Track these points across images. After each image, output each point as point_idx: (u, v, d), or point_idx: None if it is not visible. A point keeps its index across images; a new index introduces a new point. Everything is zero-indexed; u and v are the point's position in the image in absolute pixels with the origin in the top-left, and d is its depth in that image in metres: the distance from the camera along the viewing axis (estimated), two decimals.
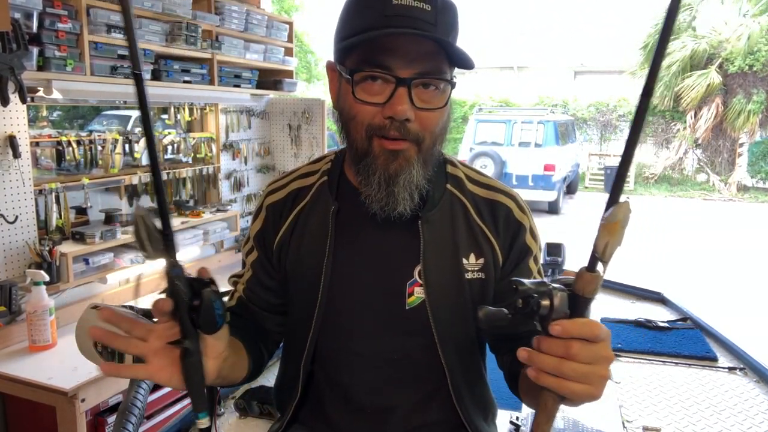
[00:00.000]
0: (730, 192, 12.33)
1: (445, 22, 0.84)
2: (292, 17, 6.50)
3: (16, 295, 2.11)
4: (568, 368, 0.66)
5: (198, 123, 3.15)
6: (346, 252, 0.96)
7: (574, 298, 0.67)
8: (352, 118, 0.88)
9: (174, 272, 0.70)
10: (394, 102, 0.83)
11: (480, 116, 10.93)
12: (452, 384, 0.96)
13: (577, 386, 0.66)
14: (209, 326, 0.72)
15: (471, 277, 0.96)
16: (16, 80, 1.96)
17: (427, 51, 0.83)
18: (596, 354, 0.66)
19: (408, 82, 0.83)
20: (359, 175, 0.90)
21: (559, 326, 0.66)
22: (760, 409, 1.49)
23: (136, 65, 0.67)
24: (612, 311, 2.20)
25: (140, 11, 2.49)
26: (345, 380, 0.98)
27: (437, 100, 0.86)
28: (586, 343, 0.66)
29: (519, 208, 1.00)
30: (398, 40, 0.82)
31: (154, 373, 0.72)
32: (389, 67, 0.83)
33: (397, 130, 0.85)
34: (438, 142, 0.91)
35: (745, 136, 12.37)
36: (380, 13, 0.82)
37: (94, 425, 1.97)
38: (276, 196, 1.04)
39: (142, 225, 0.68)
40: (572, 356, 0.65)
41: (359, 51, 0.85)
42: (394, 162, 0.87)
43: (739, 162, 12.63)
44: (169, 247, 0.69)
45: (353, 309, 0.96)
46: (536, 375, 0.68)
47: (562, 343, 0.66)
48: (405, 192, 0.88)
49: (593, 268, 0.65)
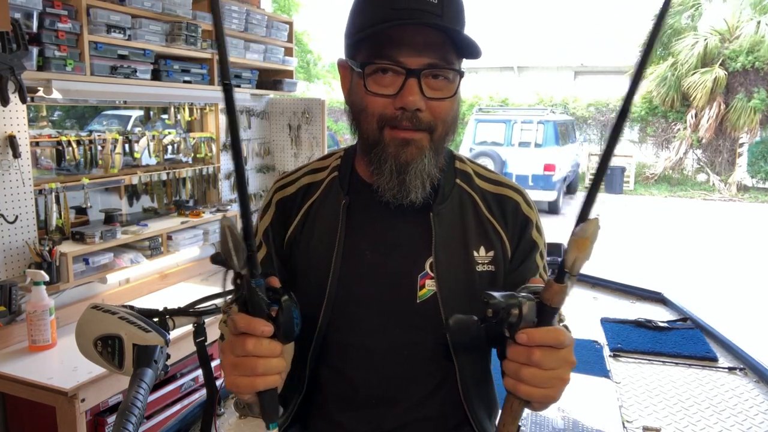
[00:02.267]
0: (730, 192, 12.33)
1: (452, 13, 0.85)
2: (291, 17, 6.50)
3: (16, 295, 2.11)
4: (526, 373, 0.71)
5: (198, 123, 3.15)
6: (357, 245, 0.97)
7: (542, 308, 0.71)
8: (363, 109, 0.90)
9: (256, 283, 0.70)
10: (405, 93, 0.85)
11: (480, 116, 10.93)
12: (460, 378, 0.97)
13: (533, 390, 0.72)
14: (288, 335, 0.73)
15: (481, 269, 0.96)
16: (16, 80, 1.96)
17: (435, 42, 0.85)
18: (560, 359, 0.72)
19: (418, 73, 0.85)
20: (371, 164, 0.92)
21: (525, 335, 0.71)
22: (760, 409, 1.49)
23: (226, 75, 0.68)
24: (612, 311, 2.21)
25: (140, 11, 2.49)
26: (352, 374, 0.98)
27: (447, 90, 0.88)
28: (549, 349, 0.71)
29: (526, 203, 1.02)
30: (406, 33, 0.85)
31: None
32: (399, 59, 0.85)
33: (409, 121, 0.87)
34: (450, 131, 0.92)
35: (746, 135, 12.37)
36: (388, 7, 0.84)
37: (94, 425, 1.97)
38: (286, 192, 1.04)
39: (229, 235, 0.68)
40: (535, 362, 0.71)
41: (369, 45, 0.87)
42: (406, 151, 0.88)
43: (739, 162, 12.62)
44: (251, 258, 0.69)
45: (363, 302, 0.96)
46: (502, 379, 0.74)
47: (525, 350, 0.71)
48: (417, 180, 0.89)
49: (561, 280, 0.68)
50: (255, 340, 0.71)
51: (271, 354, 0.72)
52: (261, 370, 0.72)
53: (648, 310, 2.22)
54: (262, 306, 0.71)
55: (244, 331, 0.71)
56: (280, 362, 0.73)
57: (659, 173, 13.39)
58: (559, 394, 0.74)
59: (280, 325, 0.72)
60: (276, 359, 0.73)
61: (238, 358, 0.72)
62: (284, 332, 0.72)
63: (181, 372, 2.40)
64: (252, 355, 0.71)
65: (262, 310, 0.71)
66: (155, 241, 2.64)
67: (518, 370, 0.72)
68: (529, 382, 0.71)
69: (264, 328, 0.70)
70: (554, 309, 0.71)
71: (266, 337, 0.71)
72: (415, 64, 0.85)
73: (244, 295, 0.72)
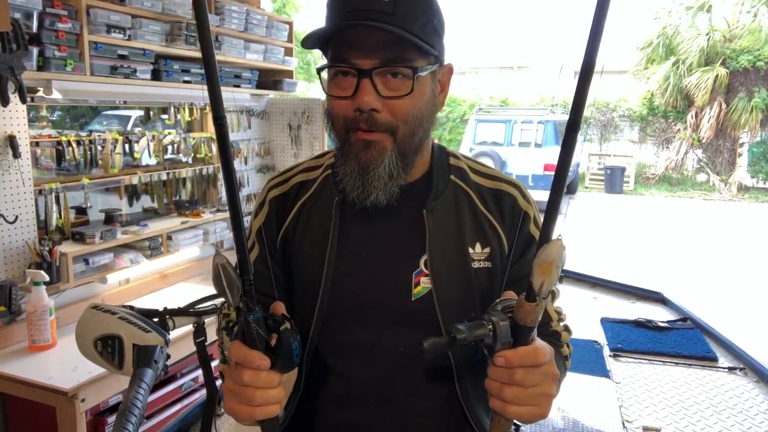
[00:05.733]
0: (731, 192, 12.33)
1: (406, 12, 0.85)
2: (291, 17, 6.49)
3: (16, 295, 2.11)
4: (509, 393, 0.72)
5: (198, 123, 3.15)
6: (351, 243, 0.97)
7: (516, 327, 0.71)
8: (331, 112, 0.92)
9: (253, 317, 0.71)
10: (359, 94, 0.85)
11: (480, 116, 10.94)
12: (457, 376, 0.97)
13: (519, 409, 0.73)
14: (287, 365, 0.73)
15: (477, 266, 0.96)
16: (16, 80, 1.96)
17: (386, 40, 0.84)
18: (541, 375, 0.73)
19: (369, 73, 0.85)
20: (339, 165, 0.93)
21: (502, 358, 0.71)
22: (760, 409, 1.49)
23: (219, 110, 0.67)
24: (612, 311, 2.21)
25: (140, 11, 2.49)
26: (349, 373, 0.98)
27: (404, 88, 0.87)
28: (530, 369, 0.72)
29: (523, 197, 1.01)
30: (356, 34, 0.85)
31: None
32: (351, 60, 0.86)
33: (366, 122, 0.87)
34: (419, 130, 0.91)
35: (746, 136, 12.37)
36: (341, 11, 0.86)
37: (94, 425, 1.97)
38: (279, 190, 1.04)
39: (222, 273, 0.69)
40: (517, 383, 0.71)
41: (330, 49, 0.89)
42: (367, 152, 0.88)
43: (739, 162, 12.62)
44: (248, 293, 0.70)
45: (357, 300, 0.96)
46: (489, 400, 0.75)
47: (506, 371, 0.72)
48: (379, 182, 0.89)
49: (533, 299, 0.69)
50: (252, 372, 0.72)
51: (269, 385, 0.73)
52: (259, 401, 0.72)
53: (648, 310, 2.22)
54: (257, 341, 0.71)
55: (240, 363, 0.72)
56: (279, 393, 0.74)
57: (659, 173, 13.39)
58: (548, 410, 0.75)
59: (278, 356, 0.72)
60: (274, 390, 0.73)
61: (236, 387, 0.73)
62: (282, 363, 0.72)
63: (181, 372, 2.39)
64: (249, 386, 0.72)
65: (257, 345, 0.71)
66: (155, 241, 2.64)
67: (501, 390, 0.73)
68: (513, 401, 0.72)
69: (260, 362, 0.71)
70: (529, 328, 0.71)
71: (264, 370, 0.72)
72: (367, 64, 0.85)
73: (242, 326, 0.72)
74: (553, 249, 0.65)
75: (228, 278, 0.69)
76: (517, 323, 0.71)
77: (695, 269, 6.58)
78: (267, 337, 0.72)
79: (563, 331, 1.03)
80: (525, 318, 0.70)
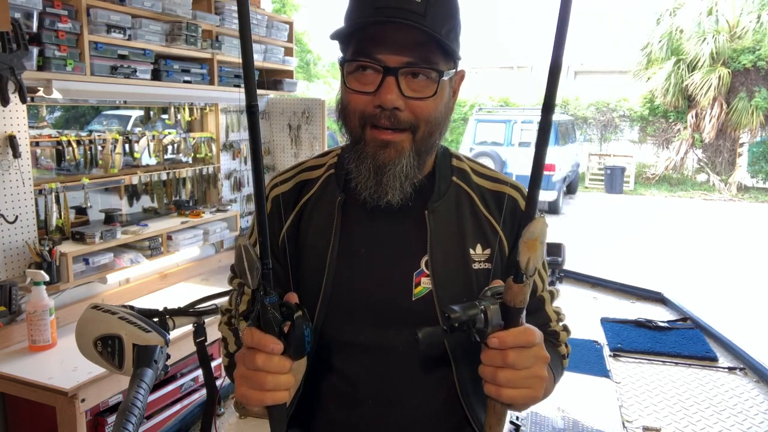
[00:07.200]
0: (731, 192, 12.33)
1: (436, 14, 0.85)
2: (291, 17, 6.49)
3: (16, 295, 2.11)
4: (503, 376, 0.74)
5: (198, 123, 3.15)
6: (352, 242, 0.97)
7: (506, 309, 0.73)
8: (347, 106, 0.91)
9: (269, 300, 0.72)
10: (383, 91, 0.85)
11: (480, 116, 10.93)
12: (458, 377, 0.97)
13: (513, 392, 0.74)
14: (299, 352, 0.75)
15: (478, 267, 0.96)
16: (16, 80, 1.96)
17: (416, 41, 0.84)
18: (532, 357, 0.74)
19: (395, 71, 0.85)
20: (352, 162, 0.92)
21: (496, 338, 0.73)
22: (760, 409, 1.49)
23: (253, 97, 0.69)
24: (612, 311, 2.21)
25: (140, 11, 2.49)
26: (350, 372, 0.98)
27: (428, 89, 0.87)
28: (522, 349, 0.73)
29: (524, 200, 1.01)
30: (386, 31, 0.85)
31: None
32: (377, 56, 0.85)
33: (388, 119, 0.87)
34: (436, 132, 0.92)
35: (746, 135, 12.37)
36: (372, 6, 0.85)
37: (94, 425, 1.97)
38: (281, 189, 1.04)
39: (244, 254, 0.70)
40: (510, 364, 0.73)
41: (353, 43, 0.88)
42: (384, 152, 0.88)
43: (739, 162, 12.62)
44: (266, 277, 0.72)
45: (358, 300, 0.96)
46: (483, 385, 0.77)
47: (499, 353, 0.74)
48: (395, 182, 0.89)
49: (520, 280, 0.70)
50: (265, 356, 0.73)
51: (281, 370, 0.74)
52: (270, 385, 0.74)
53: (648, 310, 2.23)
54: (273, 323, 0.73)
55: (254, 347, 0.73)
56: (289, 379, 0.75)
57: (659, 173, 13.39)
58: (541, 392, 0.77)
59: (290, 342, 0.73)
60: (285, 376, 0.75)
61: (248, 371, 0.75)
62: (294, 349, 0.74)
63: (181, 372, 2.40)
64: (262, 370, 0.73)
65: (272, 327, 0.73)
66: (155, 241, 2.64)
67: (494, 373, 0.74)
68: (507, 384, 0.74)
69: (274, 345, 0.73)
70: (519, 309, 0.72)
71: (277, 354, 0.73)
72: (393, 62, 0.85)
73: (257, 310, 0.73)
74: (537, 226, 0.68)
75: (249, 259, 0.70)
76: (507, 305, 0.73)
77: (695, 269, 6.58)
78: (282, 322, 0.73)
79: (562, 330, 1.03)
80: (514, 299, 0.72)
